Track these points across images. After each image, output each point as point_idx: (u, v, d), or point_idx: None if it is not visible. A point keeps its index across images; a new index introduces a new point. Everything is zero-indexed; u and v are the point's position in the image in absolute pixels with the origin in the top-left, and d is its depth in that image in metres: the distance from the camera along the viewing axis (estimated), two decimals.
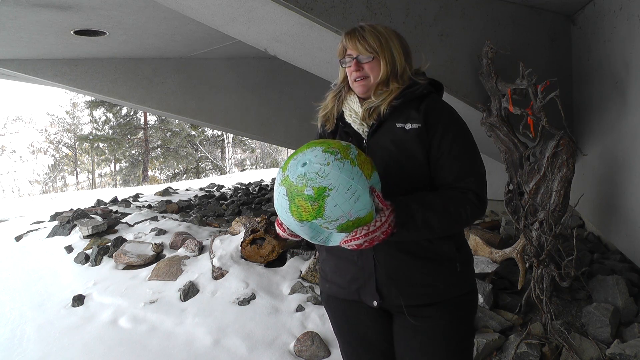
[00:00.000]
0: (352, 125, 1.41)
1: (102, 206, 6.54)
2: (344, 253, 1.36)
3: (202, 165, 23.74)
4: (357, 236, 1.14)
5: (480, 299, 2.69)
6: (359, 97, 1.43)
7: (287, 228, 1.25)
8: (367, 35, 1.36)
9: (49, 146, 24.28)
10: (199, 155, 23.50)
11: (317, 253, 1.65)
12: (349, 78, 1.42)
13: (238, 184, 10.22)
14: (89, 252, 4.27)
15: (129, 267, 3.91)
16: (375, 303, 1.34)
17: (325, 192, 1.09)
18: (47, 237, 5.05)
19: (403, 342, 1.37)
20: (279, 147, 23.99)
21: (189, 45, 5.48)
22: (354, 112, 1.41)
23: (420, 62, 1.50)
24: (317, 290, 3.12)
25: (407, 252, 1.31)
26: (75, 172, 24.37)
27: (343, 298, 1.43)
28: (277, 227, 1.31)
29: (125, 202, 7.00)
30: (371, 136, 1.37)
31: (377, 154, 1.33)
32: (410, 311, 1.32)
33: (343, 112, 1.44)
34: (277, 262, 3.61)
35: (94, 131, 21.91)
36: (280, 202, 1.15)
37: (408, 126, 1.34)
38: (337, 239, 1.18)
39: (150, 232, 4.52)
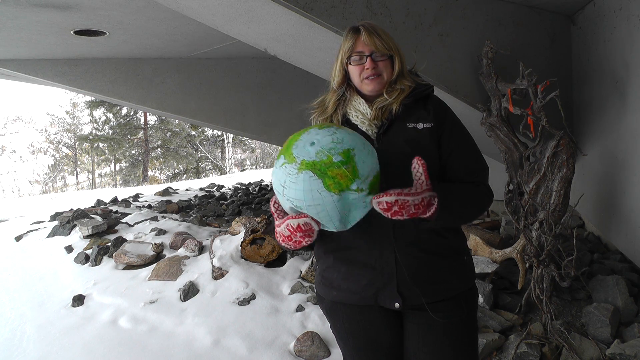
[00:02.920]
0: (360, 127, 1.39)
1: (102, 206, 6.54)
2: (357, 259, 1.35)
3: (202, 165, 23.74)
4: (390, 192, 1.14)
5: (480, 299, 2.69)
6: (364, 99, 1.41)
7: (302, 225, 1.17)
8: (381, 32, 1.36)
9: (49, 146, 24.30)
10: (199, 155, 23.50)
11: (314, 260, 1.60)
12: (357, 77, 1.38)
13: (238, 184, 10.22)
14: (89, 252, 4.27)
15: (129, 267, 3.91)
16: (397, 305, 1.33)
17: (351, 153, 1.12)
18: (47, 237, 5.06)
19: (417, 338, 1.38)
20: (279, 147, 23.97)
21: (189, 45, 5.48)
22: (360, 113, 1.39)
23: (412, 62, 1.50)
24: None
25: (427, 251, 1.32)
26: (75, 172, 24.37)
27: (354, 304, 1.40)
28: (285, 241, 1.23)
29: (125, 202, 7.00)
30: (382, 136, 1.36)
31: (390, 154, 1.31)
32: (428, 308, 1.33)
33: (347, 114, 1.42)
34: (277, 262, 3.61)
35: (94, 131, 21.91)
36: (310, 187, 1.10)
37: (420, 126, 1.35)
38: (358, 215, 1.17)
39: (150, 232, 4.52)
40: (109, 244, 4.29)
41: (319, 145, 1.13)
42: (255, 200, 6.79)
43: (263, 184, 9.76)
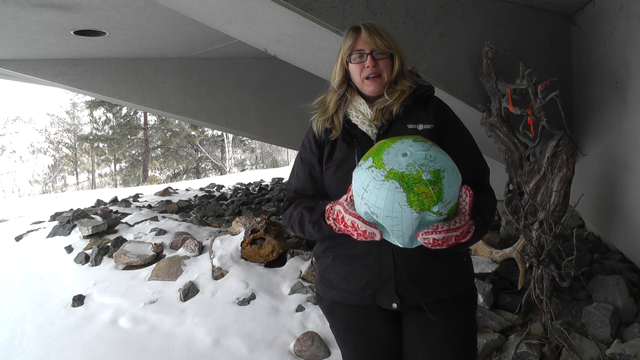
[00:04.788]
0: (360, 127, 1.39)
1: (102, 206, 6.54)
2: (356, 259, 1.35)
3: (202, 165, 23.74)
4: (439, 230, 1.12)
5: (480, 299, 2.69)
6: (364, 99, 1.41)
7: (368, 232, 1.16)
8: (381, 31, 1.36)
9: (49, 146, 24.29)
10: (199, 155, 23.50)
11: (314, 259, 1.60)
12: (357, 76, 1.39)
13: (238, 184, 10.22)
14: (89, 252, 4.27)
15: (129, 267, 3.91)
16: (394, 305, 1.34)
17: (441, 175, 1.08)
18: (47, 237, 5.05)
19: (415, 338, 1.38)
20: (279, 147, 24.00)
21: (189, 45, 5.48)
22: (360, 114, 1.39)
23: (413, 63, 1.50)
24: None
25: (425, 252, 1.31)
26: (75, 172, 24.37)
27: (353, 304, 1.40)
28: (337, 223, 1.23)
29: (125, 202, 7.00)
30: (382, 137, 1.36)
31: None
32: (426, 308, 1.33)
33: (347, 114, 1.42)
34: (277, 262, 3.61)
35: (94, 131, 21.91)
36: (392, 198, 1.08)
37: (420, 127, 1.35)
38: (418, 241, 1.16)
39: (150, 232, 4.52)
40: (109, 244, 4.29)
41: (411, 157, 1.10)
42: (255, 200, 6.78)
43: (263, 184, 9.76)
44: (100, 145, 21.30)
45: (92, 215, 5.17)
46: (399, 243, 1.18)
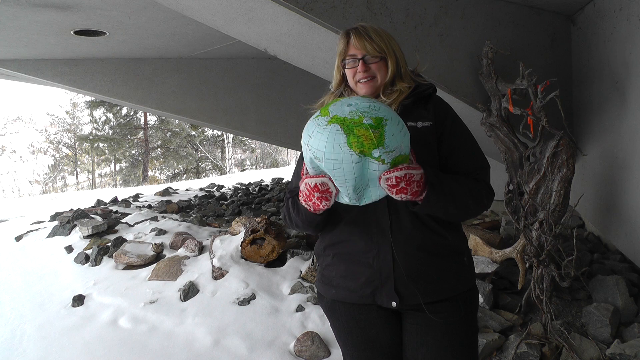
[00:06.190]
0: None
1: (102, 206, 6.54)
2: (356, 257, 1.36)
3: (202, 166, 23.75)
4: (400, 167, 1.14)
5: (480, 299, 2.69)
6: None
7: (319, 185, 1.19)
8: (372, 34, 1.36)
9: (49, 146, 24.29)
10: (199, 155, 23.50)
11: (315, 258, 1.60)
12: (351, 79, 1.40)
13: (238, 184, 10.22)
14: (89, 252, 4.27)
15: (129, 267, 3.91)
16: (394, 304, 1.33)
17: (383, 122, 1.11)
18: (47, 237, 5.05)
19: (415, 338, 1.37)
20: (279, 147, 24.00)
21: (189, 45, 5.48)
22: None
23: (414, 63, 1.50)
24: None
25: (425, 250, 1.32)
26: (75, 172, 24.37)
27: (353, 302, 1.40)
28: (305, 201, 1.24)
29: (125, 202, 7.00)
30: None
31: None
32: (426, 308, 1.33)
33: None
34: (277, 262, 3.61)
35: (94, 131, 21.91)
36: (332, 139, 1.11)
37: (420, 124, 1.36)
38: (375, 194, 1.19)
39: (150, 232, 4.52)
40: (109, 244, 4.29)
41: (355, 106, 1.14)
42: (255, 200, 6.79)
43: (263, 184, 9.76)
44: (100, 145, 21.31)
45: (92, 215, 5.17)
46: (346, 197, 1.20)
